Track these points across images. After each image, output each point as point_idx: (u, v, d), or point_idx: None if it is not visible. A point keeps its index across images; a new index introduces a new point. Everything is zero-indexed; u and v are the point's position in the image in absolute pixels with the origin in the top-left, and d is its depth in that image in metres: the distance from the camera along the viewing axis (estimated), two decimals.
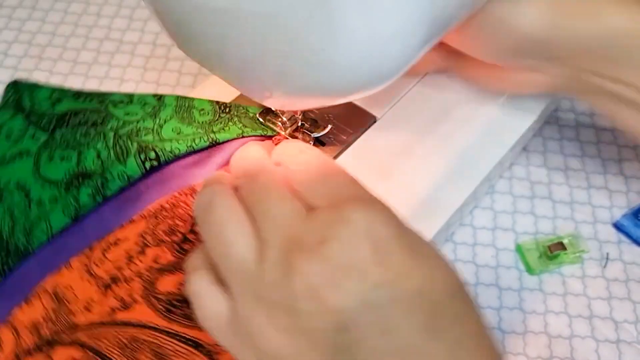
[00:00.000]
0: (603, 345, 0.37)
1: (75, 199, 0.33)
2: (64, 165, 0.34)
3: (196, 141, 0.35)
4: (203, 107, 0.38)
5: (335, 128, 0.39)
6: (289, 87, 0.27)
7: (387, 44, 0.23)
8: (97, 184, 0.34)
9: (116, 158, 0.34)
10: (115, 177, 0.34)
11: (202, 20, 0.26)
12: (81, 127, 0.36)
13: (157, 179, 0.35)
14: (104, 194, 0.34)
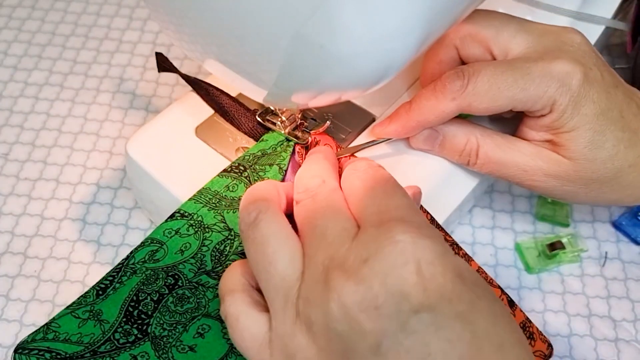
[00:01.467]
0: (601, 344, 0.37)
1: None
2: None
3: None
4: (223, 185, 0.35)
5: (335, 127, 0.39)
6: (287, 84, 0.27)
7: (386, 41, 0.23)
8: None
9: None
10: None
11: (201, 18, 0.26)
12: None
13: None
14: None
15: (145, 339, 0.30)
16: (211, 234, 0.33)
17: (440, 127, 0.36)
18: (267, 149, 0.37)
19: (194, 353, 0.29)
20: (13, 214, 0.42)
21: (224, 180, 0.35)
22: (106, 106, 0.48)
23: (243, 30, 0.25)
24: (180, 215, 0.33)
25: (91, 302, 0.31)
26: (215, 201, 0.34)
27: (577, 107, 0.32)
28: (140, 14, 0.55)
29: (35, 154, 0.45)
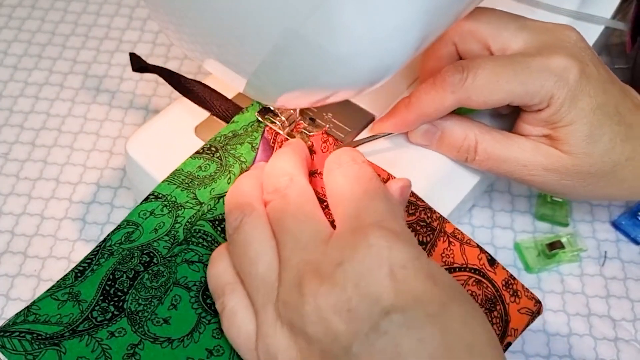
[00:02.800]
0: (601, 343, 0.38)
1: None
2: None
3: (232, 178, 0.35)
4: (195, 166, 0.36)
5: (334, 126, 0.39)
6: (286, 83, 0.27)
7: (385, 40, 0.23)
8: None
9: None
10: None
11: (201, 18, 0.26)
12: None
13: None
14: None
15: (122, 315, 0.30)
16: (184, 211, 0.34)
17: (439, 123, 0.36)
18: (238, 130, 0.37)
19: (169, 325, 0.30)
20: (13, 213, 0.42)
21: (197, 161, 0.36)
22: (106, 106, 0.48)
23: (242, 30, 0.25)
24: (155, 197, 0.34)
25: (70, 284, 0.31)
26: (188, 181, 0.35)
27: (574, 102, 0.32)
28: (140, 14, 0.55)
29: (35, 154, 0.45)
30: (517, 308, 0.32)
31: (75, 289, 0.31)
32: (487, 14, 0.34)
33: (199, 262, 0.32)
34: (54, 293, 0.31)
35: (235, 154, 0.36)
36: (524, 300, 0.32)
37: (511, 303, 0.32)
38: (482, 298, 0.32)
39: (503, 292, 0.32)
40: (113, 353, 0.29)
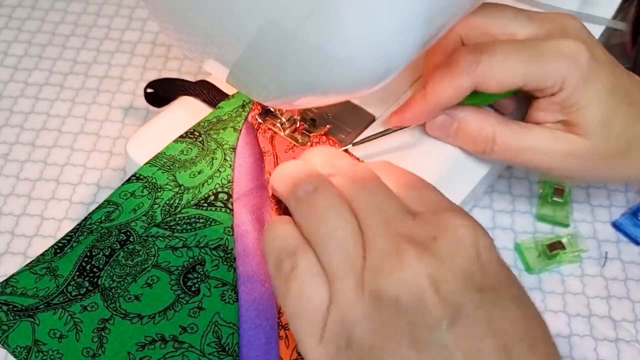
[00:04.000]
0: (602, 344, 0.37)
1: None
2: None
3: (214, 162, 0.35)
4: (178, 149, 0.37)
5: (334, 127, 0.39)
6: (286, 85, 0.27)
7: (385, 42, 0.23)
8: (220, 256, 0.32)
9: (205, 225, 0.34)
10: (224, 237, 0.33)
11: (200, 18, 0.26)
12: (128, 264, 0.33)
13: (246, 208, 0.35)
14: (230, 255, 0.32)
15: (95, 291, 0.31)
16: (163, 193, 0.35)
17: (456, 114, 0.36)
18: (222, 116, 0.38)
19: (139, 302, 0.31)
20: (13, 214, 0.42)
21: (179, 145, 0.37)
22: (106, 106, 0.48)
23: (242, 31, 0.25)
24: (136, 178, 0.35)
25: (49, 259, 0.32)
26: (170, 164, 0.36)
27: (587, 84, 0.33)
28: (140, 14, 0.55)
29: (35, 154, 0.45)
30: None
31: (54, 264, 0.32)
32: (492, 8, 0.35)
33: (183, 247, 0.32)
34: (32, 267, 0.32)
35: (218, 138, 0.37)
36: None
37: None
38: None
39: None
40: (84, 326, 0.30)
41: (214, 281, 0.31)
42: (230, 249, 0.32)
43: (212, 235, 0.33)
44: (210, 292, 0.31)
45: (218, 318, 0.30)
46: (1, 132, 0.47)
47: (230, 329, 0.30)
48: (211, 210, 0.34)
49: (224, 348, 0.30)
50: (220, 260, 0.32)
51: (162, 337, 0.30)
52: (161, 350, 0.30)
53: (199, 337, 0.30)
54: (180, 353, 0.30)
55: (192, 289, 0.31)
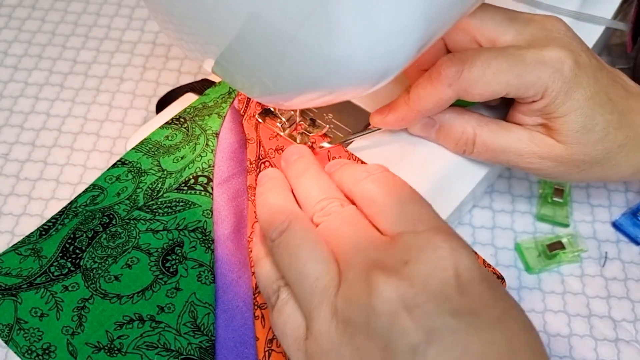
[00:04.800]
0: (601, 344, 0.37)
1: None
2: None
3: (197, 147, 0.36)
4: (163, 135, 0.37)
5: (334, 127, 0.39)
6: (285, 84, 0.27)
7: (385, 42, 0.23)
8: (198, 237, 0.33)
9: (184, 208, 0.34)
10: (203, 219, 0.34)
11: (200, 18, 0.26)
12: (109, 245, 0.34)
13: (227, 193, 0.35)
14: (209, 243, 0.33)
15: (77, 271, 0.32)
16: (146, 177, 0.36)
17: (437, 116, 0.36)
18: (208, 102, 0.39)
19: (119, 282, 0.32)
20: (13, 214, 0.42)
21: (165, 131, 0.38)
22: (106, 106, 0.48)
23: (241, 31, 0.25)
24: (122, 163, 0.37)
25: (34, 241, 0.33)
26: (155, 150, 0.37)
27: (568, 93, 0.32)
28: (140, 14, 0.55)
29: (35, 154, 0.45)
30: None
31: (38, 246, 0.33)
32: (477, 8, 0.34)
33: (164, 230, 0.33)
34: (17, 248, 0.33)
35: (202, 124, 0.37)
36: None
37: None
38: None
39: None
40: (65, 305, 0.31)
41: (191, 262, 0.32)
42: (208, 231, 0.33)
43: (190, 217, 0.33)
44: (187, 272, 0.32)
45: (194, 298, 0.31)
46: (1, 132, 0.47)
47: (206, 309, 0.31)
48: (191, 194, 0.34)
49: (199, 328, 0.30)
50: (198, 242, 0.33)
51: (139, 317, 0.31)
52: (138, 329, 0.30)
53: (175, 317, 0.31)
54: (157, 332, 0.30)
55: (170, 270, 0.32)
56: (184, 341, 0.30)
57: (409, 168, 0.37)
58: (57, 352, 0.30)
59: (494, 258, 0.41)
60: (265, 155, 0.37)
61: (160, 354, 0.30)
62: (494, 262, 0.40)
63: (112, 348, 0.30)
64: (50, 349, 0.30)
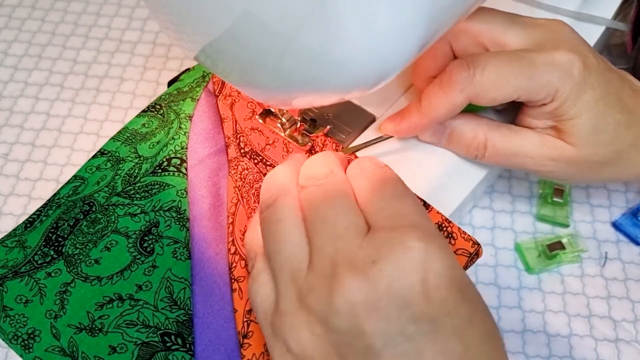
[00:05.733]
0: (602, 344, 0.37)
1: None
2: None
3: (170, 131, 0.37)
4: (140, 123, 0.39)
5: (335, 127, 0.39)
6: (286, 84, 0.27)
7: (386, 42, 0.23)
8: (173, 216, 0.34)
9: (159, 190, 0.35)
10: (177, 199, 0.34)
11: (199, 18, 0.26)
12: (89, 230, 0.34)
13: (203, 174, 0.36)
14: (183, 221, 0.34)
15: (60, 258, 0.33)
16: (124, 164, 0.37)
17: (447, 122, 0.36)
18: (183, 87, 0.40)
19: (99, 265, 0.33)
20: (13, 214, 0.42)
21: (141, 119, 0.39)
22: (106, 106, 0.48)
23: (240, 32, 0.25)
24: (101, 153, 0.38)
25: (19, 233, 0.35)
26: (132, 138, 0.38)
27: (578, 95, 0.32)
28: (140, 14, 0.55)
29: (35, 154, 0.45)
30: (452, 249, 0.33)
31: (23, 238, 0.35)
32: (482, 12, 0.35)
33: (141, 213, 0.34)
34: (4, 241, 0.34)
35: (177, 109, 0.38)
36: (460, 242, 0.33)
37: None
38: None
39: None
40: (48, 291, 0.32)
41: (166, 240, 0.33)
42: (182, 209, 0.34)
43: (165, 198, 0.34)
44: (163, 250, 0.33)
45: (170, 274, 0.32)
46: (1, 132, 0.47)
47: (181, 284, 0.32)
48: (165, 175, 0.35)
49: (175, 302, 0.31)
50: (172, 221, 0.33)
51: (119, 296, 0.32)
52: (118, 308, 0.31)
53: (152, 294, 0.32)
54: (136, 310, 0.31)
55: (147, 249, 0.33)
56: (161, 316, 0.31)
57: (409, 168, 0.37)
58: (42, 336, 0.31)
59: (493, 258, 0.41)
60: (242, 131, 0.37)
61: (140, 330, 0.31)
62: (494, 262, 0.40)
63: (93, 328, 0.31)
64: (34, 333, 0.31)
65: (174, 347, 0.30)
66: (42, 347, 0.31)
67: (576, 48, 0.33)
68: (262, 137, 0.37)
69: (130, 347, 0.30)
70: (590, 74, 0.33)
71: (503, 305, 0.39)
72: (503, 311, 0.38)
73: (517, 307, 0.39)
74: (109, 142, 0.38)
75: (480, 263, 0.40)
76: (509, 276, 0.40)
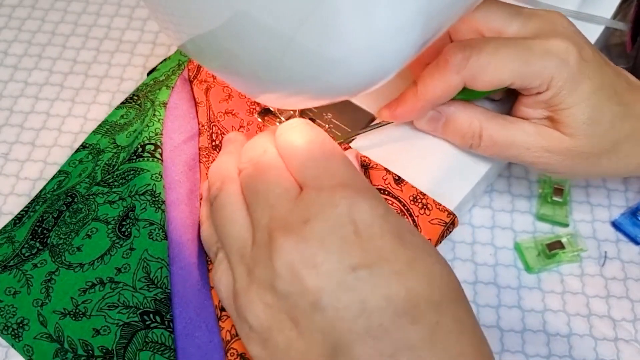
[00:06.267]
0: (601, 344, 0.37)
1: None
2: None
3: (145, 119, 0.38)
4: (119, 115, 0.40)
5: (334, 127, 0.39)
6: (285, 84, 0.27)
7: (384, 41, 0.23)
8: (148, 199, 0.34)
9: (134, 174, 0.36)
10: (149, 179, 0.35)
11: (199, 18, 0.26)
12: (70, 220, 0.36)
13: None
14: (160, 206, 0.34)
15: (45, 249, 0.34)
16: (103, 155, 0.38)
17: (444, 109, 0.36)
18: (159, 77, 0.41)
19: (81, 252, 0.34)
20: (13, 213, 0.42)
21: (120, 111, 0.41)
22: (106, 106, 0.48)
23: (239, 32, 0.25)
24: (83, 147, 0.40)
25: (9, 230, 0.36)
26: (112, 130, 0.40)
27: (574, 84, 0.33)
28: (140, 14, 0.55)
29: (35, 154, 0.45)
30: (427, 219, 0.34)
31: (13, 233, 0.36)
32: (482, 3, 0.35)
33: (119, 200, 0.35)
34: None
35: (153, 98, 0.39)
36: (435, 212, 0.34)
37: (420, 215, 0.34)
38: None
39: (411, 206, 0.34)
40: (34, 281, 0.33)
41: (142, 222, 0.34)
42: (157, 192, 0.34)
43: (140, 182, 0.35)
44: (139, 232, 0.33)
45: (147, 255, 0.33)
46: (1, 132, 0.47)
47: (158, 264, 0.33)
48: (139, 161, 0.36)
49: (152, 281, 0.32)
50: (147, 204, 0.34)
51: (100, 280, 0.33)
52: (100, 292, 0.32)
53: (131, 275, 0.33)
54: (116, 292, 0.32)
55: (125, 233, 0.34)
56: (140, 296, 0.32)
57: (408, 167, 0.37)
58: (30, 325, 0.32)
59: (493, 257, 0.41)
60: (215, 119, 0.38)
61: (121, 312, 0.32)
62: (494, 261, 0.40)
63: (77, 313, 0.32)
64: (23, 322, 0.32)
65: (153, 325, 0.31)
66: (31, 335, 0.32)
67: (573, 38, 0.33)
68: (236, 120, 0.39)
69: (112, 329, 0.31)
70: (586, 65, 0.33)
71: (502, 304, 0.39)
72: (502, 310, 0.38)
73: (516, 307, 0.39)
74: (90, 135, 0.40)
75: (479, 262, 0.40)
76: (508, 275, 0.40)
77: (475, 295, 0.39)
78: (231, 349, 0.31)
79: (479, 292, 0.39)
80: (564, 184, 0.42)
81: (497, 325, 0.38)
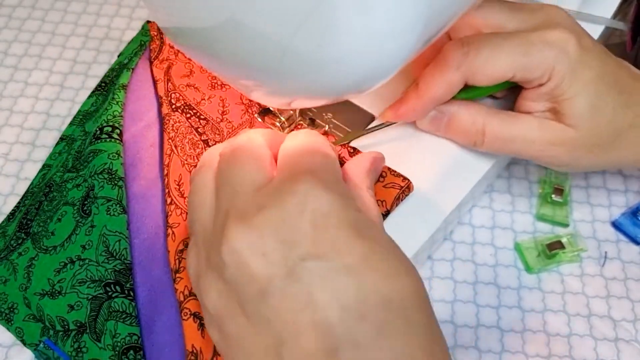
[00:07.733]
0: (601, 344, 0.37)
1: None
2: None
3: (106, 103, 0.39)
4: (89, 104, 0.42)
5: (334, 127, 0.39)
6: (284, 85, 0.27)
7: (384, 41, 0.23)
8: (105, 178, 0.36)
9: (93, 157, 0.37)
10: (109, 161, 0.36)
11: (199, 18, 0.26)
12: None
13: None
14: (123, 190, 0.36)
15: (28, 238, 0.37)
16: (75, 144, 0.40)
17: (446, 108, 0.36)
18: (123, 60, 0.43)
19: (54, 236, 0.36)
20: None
21: (91, 100, 0.43)
22: None
23: (238, 31, 0.25)
24: (61, 139, 0.42)
25: (4, 225, 0.39)
26: (84, 119, 0.42)
27: (575, 74, 0.33)
28: (140, 14, 0.55)
29: (35, 154, 0.45)
30: (381, 185, 0.34)
31: (6, 228, 0.39)
32: (480, 4, 0.35)
33: (83, 182, 0.36)
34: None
35: (117, 81, 0.41)
36: (389, 178, 0.35)
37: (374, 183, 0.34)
38: None
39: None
40: (19, 268, 0.35)
41: (101, 200, 0.35)
42: (114, 170, 0.36)
43: (98, 162, 0.36)
44: (98, 210, 0.35)
45: (105, 230, 0.34)
46: (1, 132, 0.47)
47: (116, 237, 0.34)
48: (98, 143, 0.37)
49: (112, 254, 0.34)
50: (105, 182, 0.35)
51: (70, 260, 0.34)
52: (71, 270, 0.34)
53: (94, 251, 0.34)
54: (84, 269, 0.34)
55: (86, 212, 0.35)
56: (102, 269, 0.33)
57: (408, 167, 0.37)
58: (19, 308, 0.34)
59: (493, 258, 0.41)
60: (175, 89, 0.39)
61: (89, 286, 0.33)
62: (494, 261, 0.40)
63: (53, 292, 0.34)
64: (13, 306, 0.35)
65: (114, 295, 0.33)
66: (20, 318, 0.34)
67: (571, 28, 0.33)
68: (198, 93, 0.39)
69: (84, 303, 0.33)
70: (586, 54, 0.33)
71: (503, 305, 0.39)
72: (503, 311, 0.38)
73: (516, 307, 0.39)
74: (67, 127, 0.42)
75: (480, 263, 0.40)
76: (508, 276, 0.40)
77: (475, 295, 0.39)
78: (184, 308, 0.32)
79: (479, 292, 0.39)
80: (564, 184, 0.42)
81: (497, 325, 0.38)
